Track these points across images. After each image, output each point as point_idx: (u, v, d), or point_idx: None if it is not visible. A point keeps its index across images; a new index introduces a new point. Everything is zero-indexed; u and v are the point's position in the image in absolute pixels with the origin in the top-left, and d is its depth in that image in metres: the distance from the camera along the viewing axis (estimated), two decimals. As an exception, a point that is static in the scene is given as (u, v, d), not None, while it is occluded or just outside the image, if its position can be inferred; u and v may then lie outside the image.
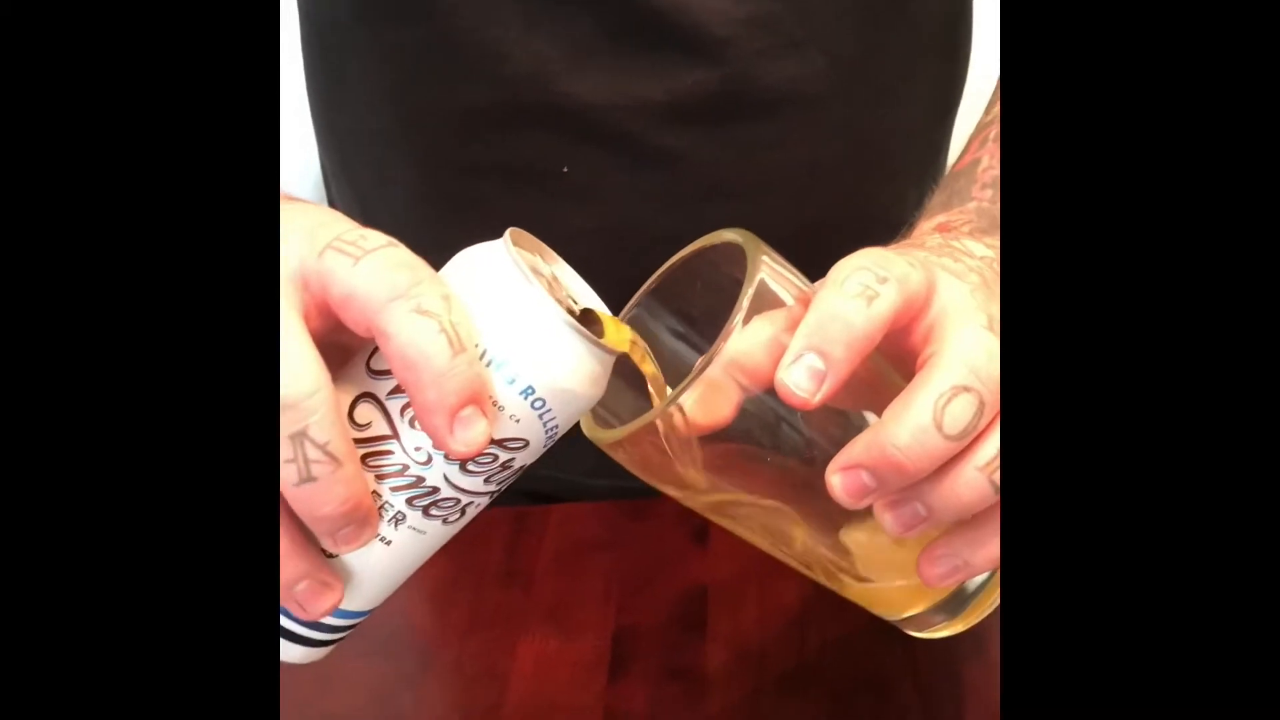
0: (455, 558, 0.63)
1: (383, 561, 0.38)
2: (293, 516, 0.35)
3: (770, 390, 0.37)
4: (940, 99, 0.71)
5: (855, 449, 0.37)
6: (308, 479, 0.33)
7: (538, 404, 0.36)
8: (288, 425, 0.33)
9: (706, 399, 0.38)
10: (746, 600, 0.57)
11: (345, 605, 0.38)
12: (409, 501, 0.36)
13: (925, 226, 0.51)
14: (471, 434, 0.35)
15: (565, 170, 0.63)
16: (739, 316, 0.37)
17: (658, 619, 0.56)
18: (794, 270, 0.39)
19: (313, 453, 0.33)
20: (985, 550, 0.38)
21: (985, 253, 0.44)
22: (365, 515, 0.36)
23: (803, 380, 0.36)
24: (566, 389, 0.36)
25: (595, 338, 0.36)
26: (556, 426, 0.37)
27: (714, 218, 0.64)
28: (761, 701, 0.52)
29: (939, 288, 0.39)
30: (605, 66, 0.60)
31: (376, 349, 0.36)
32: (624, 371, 0.41)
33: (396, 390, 0.36)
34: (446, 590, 0.61)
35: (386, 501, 0.36)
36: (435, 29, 0.61)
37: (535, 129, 0.62)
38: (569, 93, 0.61)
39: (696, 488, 0.41)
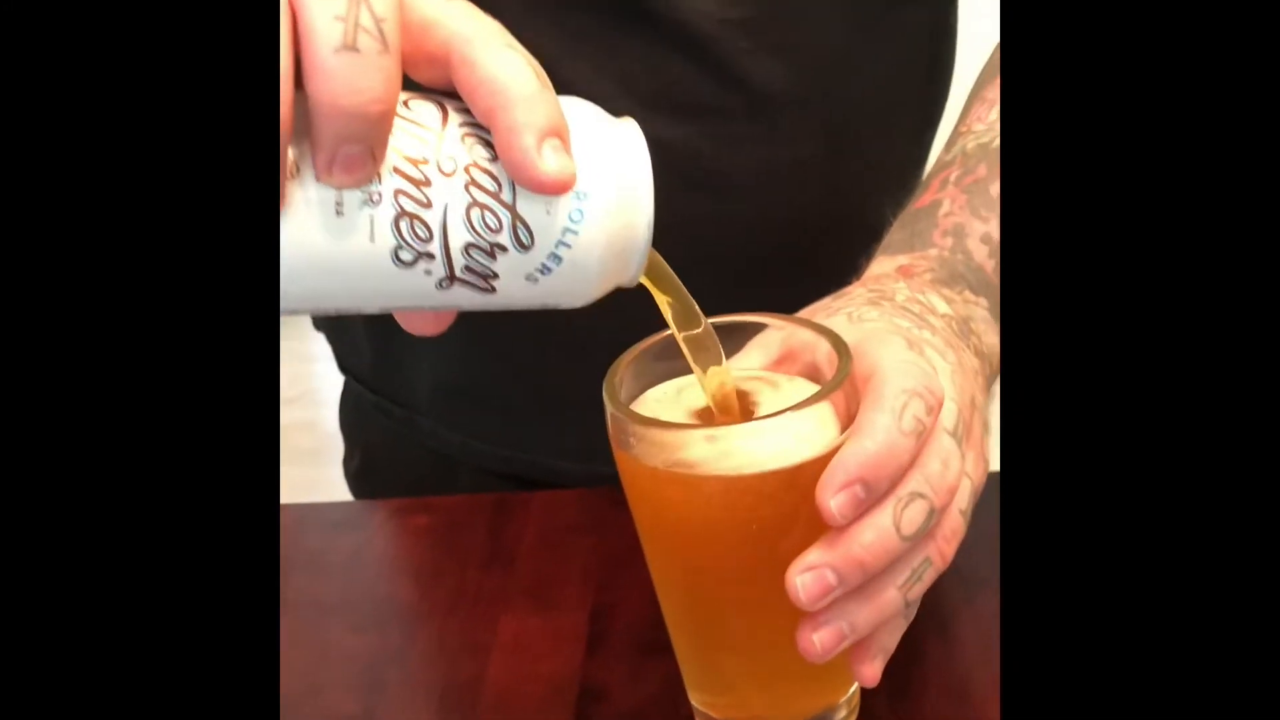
0: (441, 541, 0.65)
1: (322, 238, 0.34)
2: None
3: None
4: (921, 115, 0.74)
5: (819, 551, 0.39)
6: (351, 47, 0.31)
7: (575, 216, 0.35)
8: None
9: None
10: (719, 583, 0.60)
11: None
12: (395, 194, 0.34)
13: (888, 265, 0.53)
14: (561, 161, 0.34)
15: None
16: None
17: (635, 598, 0.59)
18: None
19: (366, 20, 0.31)
20: (867, 609, 0.40)
21: (945, 310, 0.48)
22: (380, 136, 0.33)
23: (847, 509, 0.39)
24: (604, 237, 0.36)
25: (646, 254, 0.38)
26: (552, 267, 0.36)
27: (698, 210, 0.66)
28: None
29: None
30: (597, 55, 0.62)
31: None
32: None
33: (465, 109, 0.35)
34: (431, 572, 0.64)
35: (379, 175, 0.34)
36: None
37: None
38: (561, 77, 0.63)
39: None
